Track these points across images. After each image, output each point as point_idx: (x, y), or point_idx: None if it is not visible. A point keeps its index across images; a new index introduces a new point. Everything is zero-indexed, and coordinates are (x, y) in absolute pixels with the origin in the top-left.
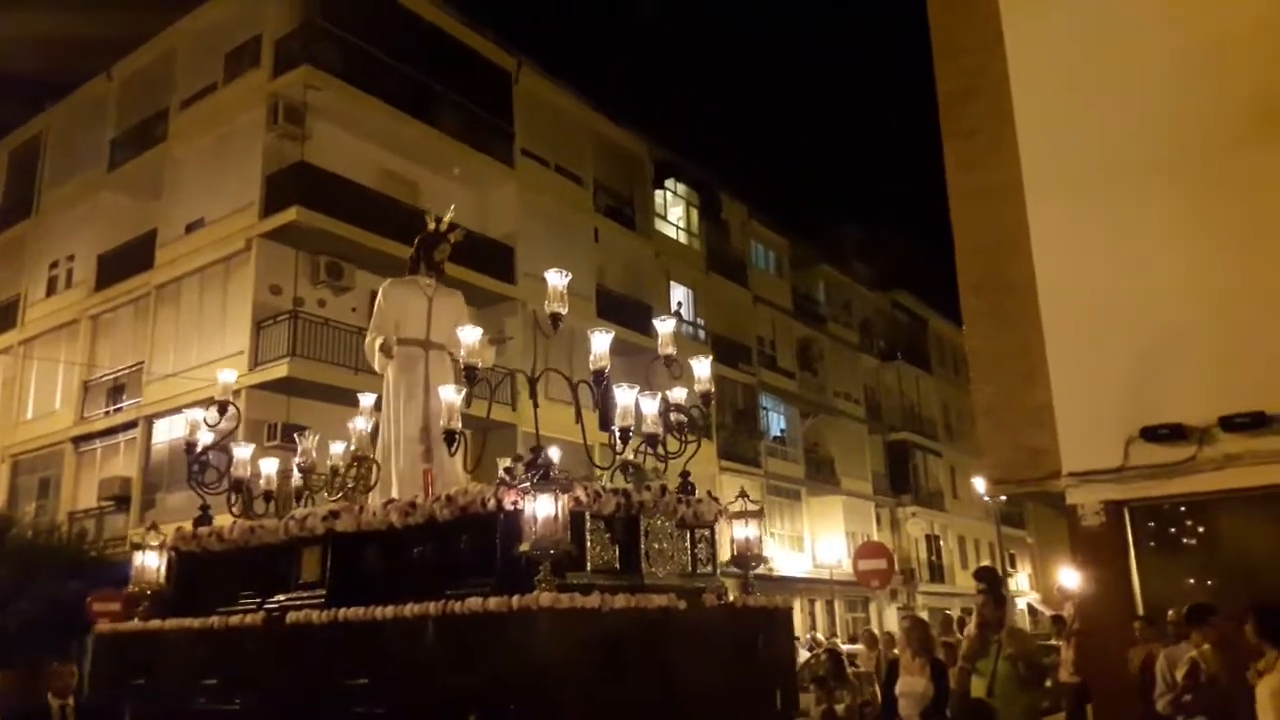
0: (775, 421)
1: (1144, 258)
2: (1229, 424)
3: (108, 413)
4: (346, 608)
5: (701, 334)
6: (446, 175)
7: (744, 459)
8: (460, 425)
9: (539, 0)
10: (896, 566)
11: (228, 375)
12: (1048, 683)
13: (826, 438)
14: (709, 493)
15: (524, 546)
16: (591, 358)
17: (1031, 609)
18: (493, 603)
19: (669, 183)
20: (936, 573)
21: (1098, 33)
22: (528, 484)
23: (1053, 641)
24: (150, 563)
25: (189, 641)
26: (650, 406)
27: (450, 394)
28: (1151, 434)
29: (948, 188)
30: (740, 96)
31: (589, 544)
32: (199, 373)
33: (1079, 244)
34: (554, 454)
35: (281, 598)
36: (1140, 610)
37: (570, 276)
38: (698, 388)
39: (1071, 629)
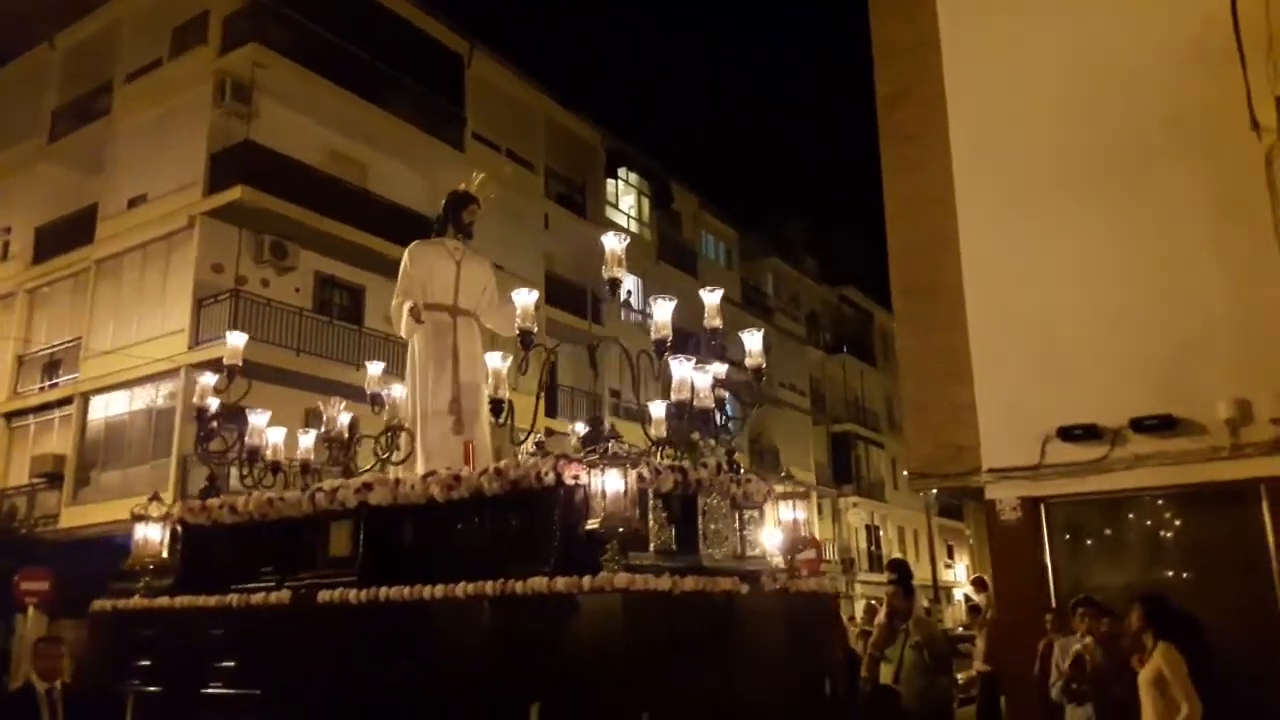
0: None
1: (1063, 265)
2: (1139, 426)
3: (43, 388)
4: (383, 586)
5: (650, 323)
6: (396, 157)
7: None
8: (507, 394)
9: None
10: (836, 556)
11: (237, 338)
12: (958, 673)
13: (771, 428)
14: (755, 471)
15: (592, 524)
16: (653, 327)
17: (967, 599)
18: (561, 583)
19: (621, 171)
20: (875, 562)
21: (1026, 50)
22: (595, 457)
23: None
24: (152, 535)
25: (203, 621)
26: (704, 380)
27: (496, 361)
28: (1067, 434)
29: (884, 190)
30: (696, 89)
31: (650, 523)
32: (139, 350)
33: (1004, 250)
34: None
35: (306, 575)
36: (1054, 603)
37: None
38: (749, 361)
39: (985, 619)
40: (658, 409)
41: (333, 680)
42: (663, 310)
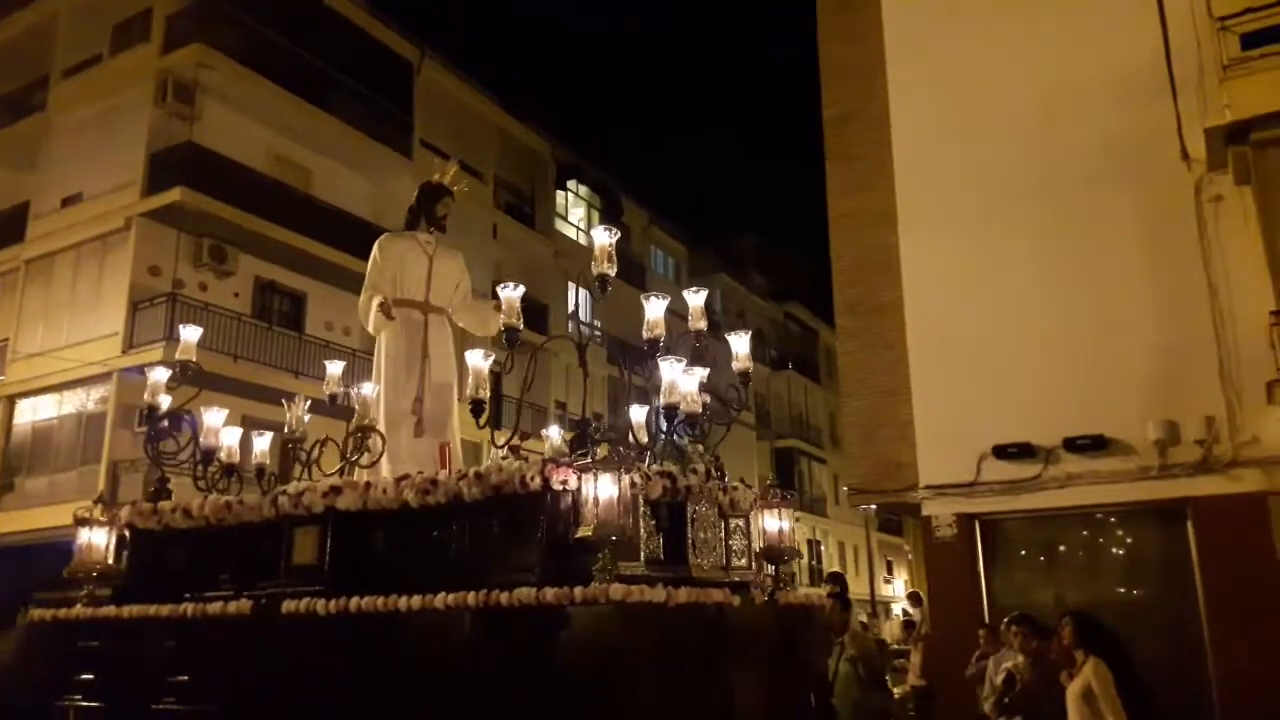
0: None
1: (1000, 287)
2: (1072, 445)
3: None
4: (354, 597)
5: (599, 335)
6: (342, 162)
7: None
8: (488, 394)
9: None
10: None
11: (191, 333)
12: (895, 688)
13: (709, 442)
14: (742, 479)
15: (585, 531)
16: (645, 325)
17: (905, 614)
18: (551, 594)
19: (571, 184)
20: (816, 576)
21: (969, 76)
22: (586, 461)
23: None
24: (97, 541)
25: (154, 632)
26: (690, 384)
27: (478, 360)
28: (1002, 452)
29: (828, 208)
30: (648, 105)
31: (640, 531)
32: (69, 352)
33: (943, 271)
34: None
35: (268, 584)
36: (987, 618)
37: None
38: (736, 365)
39: (920, 634)
40: (639, 413)
41: (297, 697)
42: (655, 308)
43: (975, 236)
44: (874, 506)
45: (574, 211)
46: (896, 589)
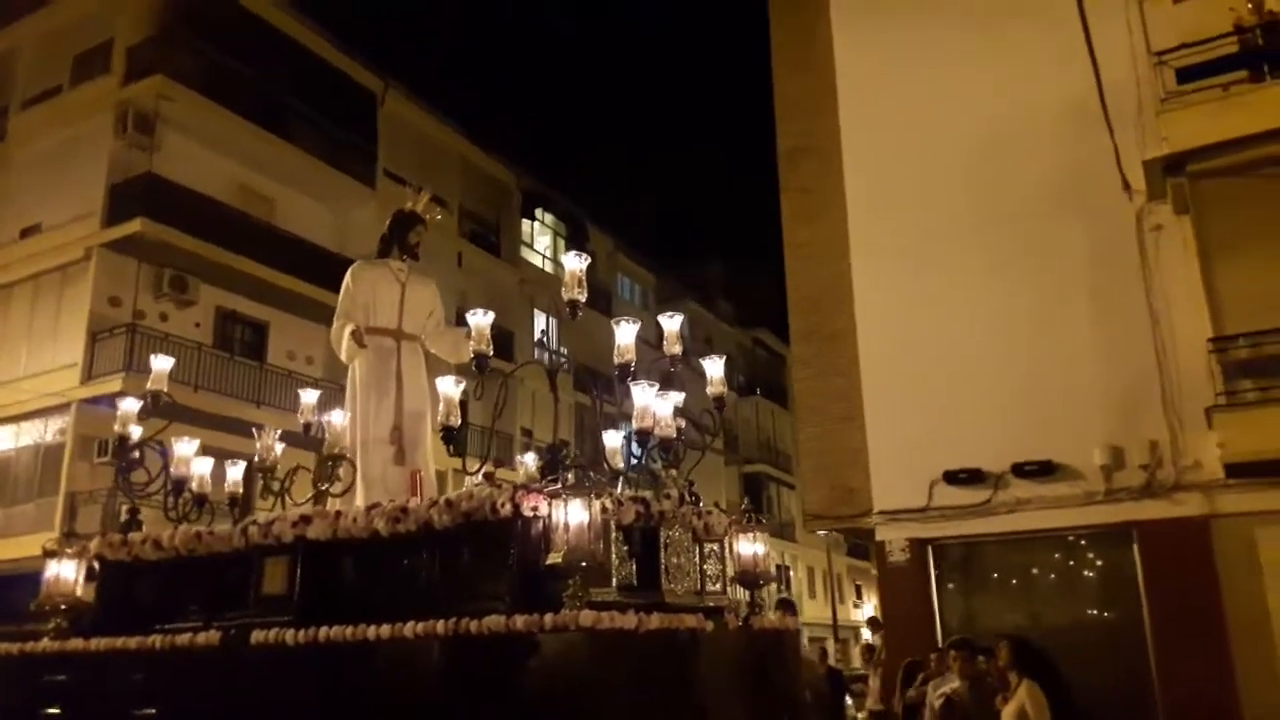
0: (635, 449)
1: (950, 316)
2: (1020, 471)
3: None
4: (323, 626)
5: (564, 363)
6: (305, 193)
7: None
8: (459, 421)
9: (412, 26)
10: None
11: (163, 362)
12: (858, 713)
13: (684, 467)
14: (716, 504)
15: (555, 558)
16: (616, 350)
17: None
18: (520, 622)
19: (537, 212)
20: (785, 604)
21: (919, 110)
22: (556, 487)
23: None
24: (66, 573)
25: (122, 664)
26: (665, 408)
27: (449, 386)
28: (953, 477)
29: (784, 238)
30: (613, 134)
31: (612, 557)
32: (27, 384)
33: (895, 300)
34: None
35: (237, 615)
36: (940, 642)
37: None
38: (710, 390)
39: (879, 659)
40: (613, 439)
41: None
42: (625, 333)
43: (925, 266)
44: (830, 532)
45: (540, 240)
46: (866, 614)
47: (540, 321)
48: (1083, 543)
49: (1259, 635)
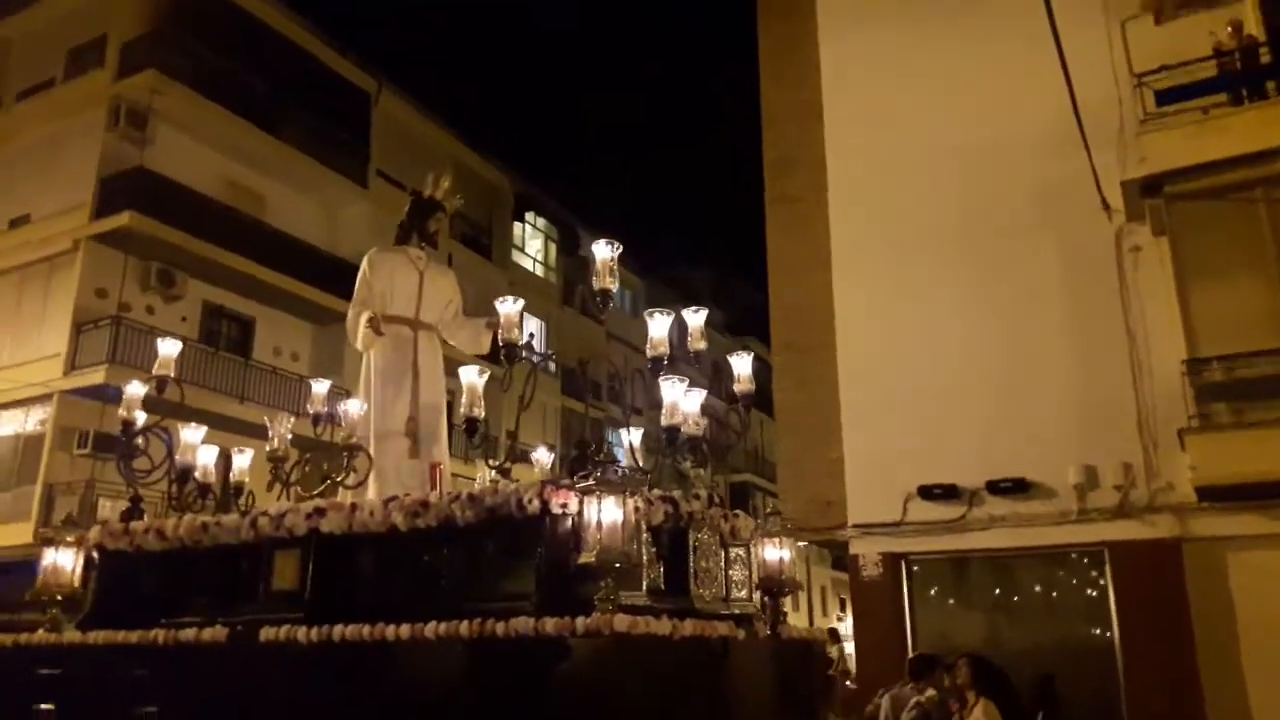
0: (622, 456)
1: (928, 331)
2: (995, 488)
3: None
4: (338, 625)
5: (553, 366)
6: (296, 190)
7: None
8: (482, 413)
9: (408, 28)
10: None
11: (169, 346)
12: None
13: (670, 476)
14: (739, 509)
15: (587, 558)
16: (649, 343)
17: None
18: (550, 625)
19: (529, 216)
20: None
21: (903, 125)
22: (589, 483)
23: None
24: (64, 563)
25: (122, 659)
26: (693, 405)
27: (472, 376)
28: (928, 493)
29: (768, 248)
30: (606, 139)
31: (642, 559)
32: (9, 373)
33: (875, 314)
34: None
35: (246, 610)
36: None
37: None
38: (737, 388)
39: (838, 670)
40: (636, 435)
41: None
42: (659, 325)
43: (905, 282)
44: (808, 544)
45: (531, 243)
46: (849, 626)
47: (530, 325)
48: (1055, 561)
49: (1227, 658)
